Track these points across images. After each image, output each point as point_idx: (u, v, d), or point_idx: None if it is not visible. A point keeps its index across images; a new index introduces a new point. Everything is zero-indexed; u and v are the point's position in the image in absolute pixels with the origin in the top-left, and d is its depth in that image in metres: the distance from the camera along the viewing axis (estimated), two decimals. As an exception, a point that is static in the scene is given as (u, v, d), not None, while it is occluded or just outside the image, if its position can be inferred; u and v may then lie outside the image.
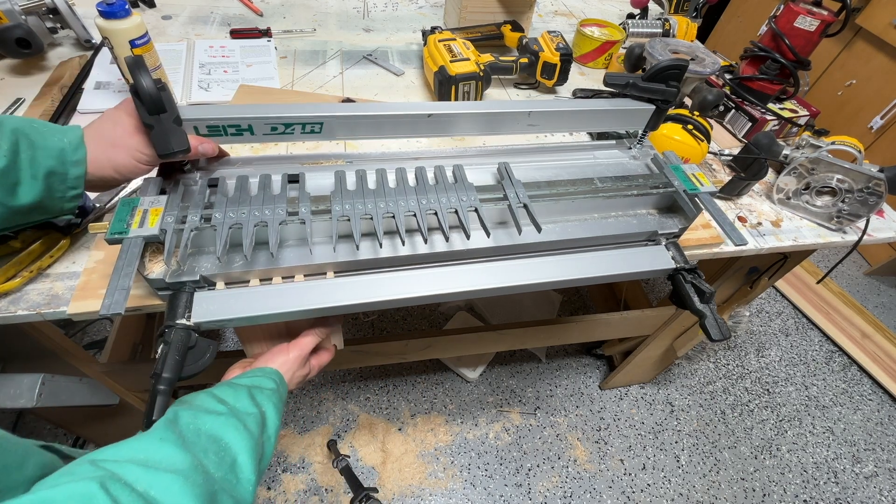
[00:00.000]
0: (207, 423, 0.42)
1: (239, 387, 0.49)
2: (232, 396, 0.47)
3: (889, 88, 1.90)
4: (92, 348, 1.47)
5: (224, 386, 0.49)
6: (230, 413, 0.44)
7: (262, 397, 0.50)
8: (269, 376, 0.53)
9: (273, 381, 0.53)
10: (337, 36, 1.14)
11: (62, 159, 0.49)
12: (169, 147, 0.51)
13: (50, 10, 0.91)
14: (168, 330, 0.49)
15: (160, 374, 0.46)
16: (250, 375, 0.53)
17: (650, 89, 0.67)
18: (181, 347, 0.48)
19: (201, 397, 0.46)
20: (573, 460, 1.46)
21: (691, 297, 0.62)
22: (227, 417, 0.43)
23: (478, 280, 0.59)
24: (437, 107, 0.63)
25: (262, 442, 0.46)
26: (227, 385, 0.49)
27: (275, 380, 0.54)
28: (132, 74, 0.47)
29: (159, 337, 0.49)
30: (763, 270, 1.05)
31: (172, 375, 0.46)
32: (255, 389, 0.50)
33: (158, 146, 0.51)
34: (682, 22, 1.11)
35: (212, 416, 0.43)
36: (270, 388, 0.52)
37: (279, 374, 0.55)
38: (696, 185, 0.66)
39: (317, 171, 0.64)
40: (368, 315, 1.73)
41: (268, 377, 0.53)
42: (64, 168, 0.49)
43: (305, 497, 1.31)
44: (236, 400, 0.47)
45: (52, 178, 0.49)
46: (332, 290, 0.55)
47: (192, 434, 0.40)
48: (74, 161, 0.50)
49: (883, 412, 1.69)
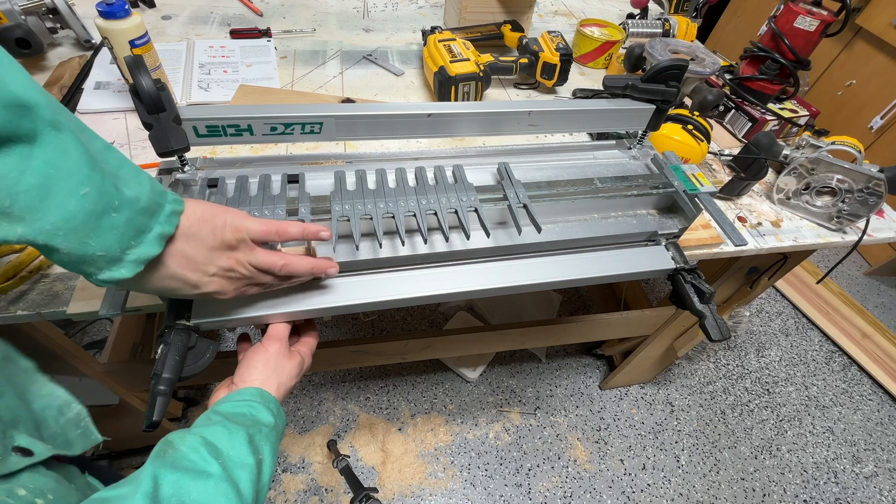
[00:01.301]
0: (194, 492, 0.36)
1: (234, 427, 0.43)
2: (227, 443, 0.41)
3: (889, 88, 1.90)
4: (92, 348, 1.47)
5: (218, 426, 0.42)
6: (222, 475, 0.38)
7: (261, 438, 0.44)
8: (267, 405, 0.47)
9: (271, 412, 0.47)
10: (337, 36, 1.14)
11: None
12: (168, 145, 0.51)
13: (50, 10, 0.91)
14: (168, 330, 0.49)
15: (160, 375, 0.46)
16: (241, 400, 0.46)
17: (650, 90, 0.67)
18: (181, 348, 0.48)
19: (189, 443, 0.39)
20: (573, 460, 1.46)
21: (691, 298, 0.62)
22: (218, 482, 0.38)
23: (477, 280, 0.59)
24: (436, 107, 0.63)
25: (257, 493, 0.41)
26: (222, 426, 0.42)
27: (272, 410, 0.47)
28: (132, 74, 0.47)
29: (159, 337, 0.49)
30: (763, 270, 1.05)
31: (172, 376, 0.46)
32: (255, 429, 0.44)
33: (157, 145, 0.51)
34: (682, 22, 1.11)
35: (200, 479, 0.37)
36: (268, 423, 0.46)
37: (273, 399, 0.49)
38: (696, 185, 0.66)
39: (316, 172, 0.64)
40: (368, 315, 1.73)
41: (266, 407, 0.47)
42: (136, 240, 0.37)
43: (305, 497, 1.31)
44: (231, 446, 0.41)
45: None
46: (332, 291, 0.55)
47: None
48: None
49: (883, 412, 1.69)
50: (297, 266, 0.48)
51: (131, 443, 1.26)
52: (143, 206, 0.37)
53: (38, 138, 0.32)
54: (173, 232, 0.39)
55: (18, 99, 0.30)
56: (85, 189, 0.33)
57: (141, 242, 0.37)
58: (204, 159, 0.64)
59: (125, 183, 0.36)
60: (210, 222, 0.42)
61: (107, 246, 0.35)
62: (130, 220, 0.36)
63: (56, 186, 0.32)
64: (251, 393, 0.47)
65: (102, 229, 0.34)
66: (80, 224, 0.33)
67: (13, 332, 0.78)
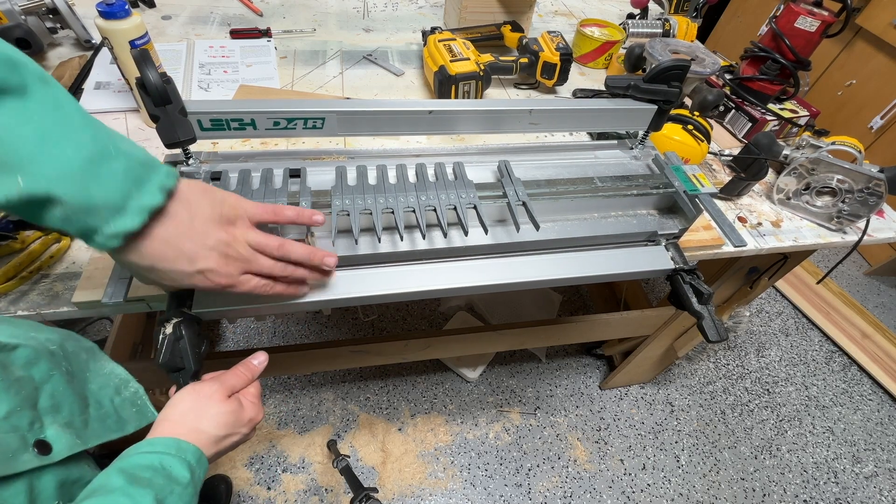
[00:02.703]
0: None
1: (140, 493, 0.36)
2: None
3: (889, 88, 1.90)
4: (92, 348, 1.47)
5: (118, 494, 0.36)
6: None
7: (172, 500, 0.38)
8: (183, 455, 0.40)
9: (187, 465, 0.40)
10: (337, 36, 1.14)
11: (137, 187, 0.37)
12: (176, 136, 0.52)
13: (50, 10, 0.91)
14: (178, 320, 0.49)
15: (185, 369, 0.47)
16: (158, 453, 0.40)
17: (652, 90, 0.67)
18: (194, 338, 0.48)
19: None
20: (573, 460, 1.46)
21: (689, 298, 0.62)
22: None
23: (476, 277, 0.59)
24: (438, 104, 0.63)
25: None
26: (123, 494, 0.36)
27: (189, 463, 0.41)
28: (138, 67, 0.48)
29: (162, 323, 0.49)
30: (763, 270, 1.05)
31: (197, 366, 0.47)
32: (165, 491, 0.37)
33: (165, 136, 0.52)
34: (682, 22, 1.11)
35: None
36: (183, 481, 0.39)
37: (195, 452, 0.42)
38: (697, 185, 0.66)
39: (318, 167, 0.65)
40: (368, 315, 1.73)
41: (181, 459, 0.40)
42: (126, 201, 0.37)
43: (305, 497, 1.31)
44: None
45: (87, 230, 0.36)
46: (330, 284, 0.56)
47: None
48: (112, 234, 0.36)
49: (883, 412, 1.69)
50: (293, 248, 0.48)
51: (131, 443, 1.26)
52: (140, 159, 0.38)
53: (29, 90, 0.33)
54: (173, 186, 0.39)
55: (5, 54, 0.32)
56: (81, 136, 0.35)
57: (143, 192, 0.37)
58: (208, 153, 0.64)
59: (119, 139, 0.38)
60: (209, 194, 0.43)
61: (108, 193, 0.35)
62: (129, 169, 0.37)
63: (52, 134, 0.34)
64: (165, 444, 0.41)
65: (102, 177, 0.35)
66: (79, 169, 0.34)
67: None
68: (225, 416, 0.45)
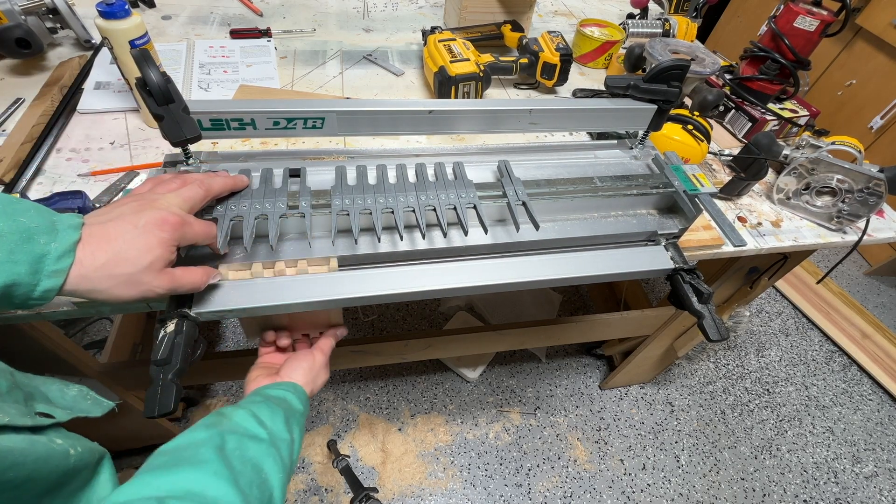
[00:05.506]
0: (251, 450, 0.42)
1: (275, 407, 0.49)
2: (270, 418, 0.47)
3: (889, 88, 1.90)
4: (92, 348, 1.47)
5: (261, 404, 0.49)
6: (270, 441, 0.44)
7: (294, 422, 0.50)
8: (300, 397, 0.54)
9: (302, 403, 0.54)
10: (337, 36, 1.14)
11: (35, 268, 0.36)
12: (181, 135, 0.52)
13: (50, 10, 0.91)
14: (178, 319, 0.49)
15: (171, 364, 0.46)
16: (282, 389, 0.54)
17: (652, 90, 0.67)
18: (189, 340, 0.48)
19: (241, 415, 0.46)
20: (573, 460, 1.46)
21: (689, 298, 0.62)
22: (268, 446, 0.44)
23: (475, 276, 0.59)
24: (438, 104, 0.63)
25: (291, 464, 0.46)
26: (265, 403, 0.49)
27: (303, 402, 0.55)
28: (139, 67, 0.48)
29: (162, 321, 0.49)
30: (763, 270, 1.05)
31: (183, 366, 0.47)
32: (290, 413, 0.50)
33: (170, 135, 0.51)
34: (682, 22, 1.11)
35: (255, 442, 0.43)
36: (300, 411, 0.52)
37: (305, 395, 0.56)
38: (697, 185, 0.66)
39: (318, 167, 0.65)
40: (368, 315, 1.73)
41: (298, 398, 0.54)
42: (34, 279, 0.37)
43: (305, 497, 1.31)
44: (273, 422, 0.47)
45: (13, 289, 0.36)
46: (332, 284, 0.56)
47: (240, 463, 0.40)
48: (51, 272, 0.37)
49: (883, 412, 1.69)
50: (216, 181, 0.51)
51: (132, 443, 1.26)
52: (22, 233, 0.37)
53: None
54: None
55: None
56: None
57: (59, 222, 0.39)
58: (208, 153, 0.64)
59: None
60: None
61: (35, 219, 0.37)
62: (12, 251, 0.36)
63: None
64: (289, 385, 0.55)
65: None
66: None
67: (13, 332, 0.78)
68: (323, 382, 0.62)
